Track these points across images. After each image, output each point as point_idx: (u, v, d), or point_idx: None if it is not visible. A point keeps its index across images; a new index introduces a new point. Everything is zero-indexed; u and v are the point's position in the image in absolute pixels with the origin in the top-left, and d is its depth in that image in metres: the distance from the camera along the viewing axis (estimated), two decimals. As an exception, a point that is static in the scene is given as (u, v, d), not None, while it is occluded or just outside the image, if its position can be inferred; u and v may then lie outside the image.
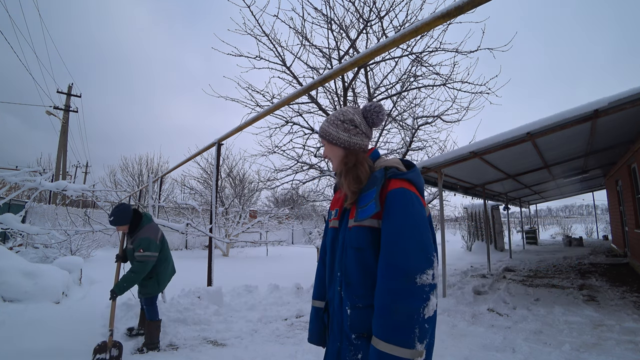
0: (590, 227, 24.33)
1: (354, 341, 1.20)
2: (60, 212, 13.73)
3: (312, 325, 1.50)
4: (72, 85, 19.49)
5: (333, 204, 1.47)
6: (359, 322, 1.20)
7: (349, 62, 2.96)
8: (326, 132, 1.37)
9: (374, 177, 1.24)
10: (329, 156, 1.41)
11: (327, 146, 1.40)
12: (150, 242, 3.53)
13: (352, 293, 1.22)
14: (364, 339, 1.19)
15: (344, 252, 1.28)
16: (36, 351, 3.13)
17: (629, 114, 4.89)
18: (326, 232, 1.49)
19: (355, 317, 1.20)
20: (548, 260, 11.22)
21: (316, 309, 1.49)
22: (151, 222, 3.77)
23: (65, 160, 18.78)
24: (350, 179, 1.28)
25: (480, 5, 2.02)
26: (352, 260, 1.23)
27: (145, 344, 3.63)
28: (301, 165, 8.08)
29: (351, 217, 1.27)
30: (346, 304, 1.23)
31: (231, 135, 5.15)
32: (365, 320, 1.19)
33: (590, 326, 4.25)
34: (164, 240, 3.90)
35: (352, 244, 1.23)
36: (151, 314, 3.70)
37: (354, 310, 1.21)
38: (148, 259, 3.51)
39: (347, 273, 1.24)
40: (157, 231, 3.76)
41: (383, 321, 1.06)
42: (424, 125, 7.61)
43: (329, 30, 6.28)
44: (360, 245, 1.21)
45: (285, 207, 19.86)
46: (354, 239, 1.23)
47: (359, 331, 1.19)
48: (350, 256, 1.24)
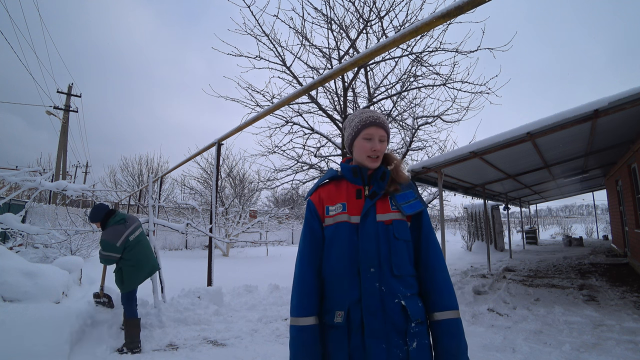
0: (590, 227, 24.32)
1: (412, 330, 1.21)
2: (60, 212, 13.72)
3: (310, 352, 1.21)
4: (72, 85, 19.49)
5: (328, 199, 1.36)
6: (416, 310, 1.24)
7: (349, 62, 2.96)
8: (389, 130, 1.43)
9: (409, 181, 1.41)
10: (382, 151, 1.38)
11: (386, 143, 1.41)
12: (105, 244, 3.72)
13: (402, 284, 1.26)
14: (420, 325, 1.24)
15: (384, 246, 1.25)
16: (36, 351, 3.13)
17: (629, 114, 4.89)
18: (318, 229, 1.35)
19: (412, 306, 1.24)
20: (548, 260, 11.21)
21: (312, 329, 1.22)
22: (117, 225, 3.85)
23: (65, 160, 18.78)
24: (404, 174, 1.40)
25: (480, 5, 2.02)
26: (403, 252, 1.28)
27: (125, 343, 3.60)
28: (301, 165, 8.08)
29: (383, 211, 1.30)
30: (395, 297, 1.23)
31: (231, 135, 5.15)
32: (417, 307, 1.26)
33: (590, 326, 4.25)
34: (137, 242, 3.92)
35: (401, 236, 1.29)
36: (127, 312, 3.73)
37: (407, 300, 1.24)
38: (105, 257, 3.77)
39: (397, 265, 1.26)
40: (119, 234, 3.79)
41: (453, 295, 1.29)
42: (424, 125, 7.61)
43: (329, 30, 6.29)
44: (408, 237, 1.31)
45: (285, 207, 19.87)
46: (402, 231, 1.30)
47: (417, 319, 1.23)
48: (399, 248, 1.28)
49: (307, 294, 1.27)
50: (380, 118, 1.38)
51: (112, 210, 3.99)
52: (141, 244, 3.99)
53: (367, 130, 1.35)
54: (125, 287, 3.78)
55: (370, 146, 1.33)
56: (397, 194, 1.34)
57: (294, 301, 1.28)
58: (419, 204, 1.34)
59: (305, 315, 1.24)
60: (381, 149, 1.35)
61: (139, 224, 4.13)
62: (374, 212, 1.29)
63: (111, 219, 3.90)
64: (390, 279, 1.23)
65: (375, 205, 1.30)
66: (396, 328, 1.20)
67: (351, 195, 1.34)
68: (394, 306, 1.21)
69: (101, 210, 3.91)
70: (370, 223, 1.27)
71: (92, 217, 3.92)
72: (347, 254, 1.26)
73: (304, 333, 1.22)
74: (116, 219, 3.91)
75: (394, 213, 1.30)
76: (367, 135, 1.35)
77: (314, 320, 1.25)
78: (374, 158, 1.34)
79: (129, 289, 3.80)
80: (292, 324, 1.25)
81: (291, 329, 1.25)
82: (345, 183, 1.39)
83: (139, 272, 3.87)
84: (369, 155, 1.34)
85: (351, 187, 1.37)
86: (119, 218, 3.93)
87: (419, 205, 1.34)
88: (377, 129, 1.35)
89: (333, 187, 1.40)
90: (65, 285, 5.34)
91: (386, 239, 1.26)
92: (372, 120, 1.35)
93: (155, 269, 4.13)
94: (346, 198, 1.34)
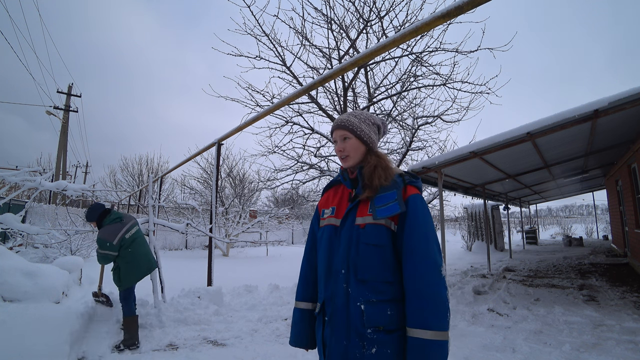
0: (590, 227, 24.32)
1: (368, 336, 1.21)
2: (60, 212, 13.72)
3: (297, 328, 1.47)
4: (72, 85, 19.50)
5: (325, 202, 1.48)
6: (376, 316, 1.23)
7: (349, 62, 2.96)
8: (356, 127, 1.39)
9: (393, 181, 1.33)
10: (348, 150, 1.38)
11: (352, 140, 1.38)
12: (101, 242, 3.77)
13: (367, 289, 1.25)
14: (380, 332, 1.22)
15: (353, 249, 1.28)
16: (36, 351, 3.13)
17: (629, 114, 4.89)
18: (316, 231, 1.50)
19: (371, 311, 1.23)
20: (548, 260, 11.22)
21: (301, 311, 1.47)
22: (113, 224, 3.91)
23: (65, 160, 18.78)
24: (382, 175, 1.33)
25: (480, 5, 2.02)
26: (372, 257, 1.27)
27: (123, 340, 3.65)
28: (301, 165, 8.08)
29: (361, 214, 1.31)
30: (357, 300, 1.24)
31: (231, 135, 5.15)
32: (381, 314, 1.23)
33: (590, 326, 4.25)
34: (133, 240, 3.96)
35: (371, 241, 1.27)
36: (125, 310, 3.78)
37: (368, 305, 1.24)
38: (101, 255, 3.81)
39: (362, 269, 1.26)
40: (115, 233, 3.85)
41: (430, 312, 1.16)
42: (424, 125, 7.60)
43: (329, 30, 6.28)
44: (381, 242, 1.27)
45: (285, 207, 19.87)
46: (372, 236, 1.27)
47: (375, 325, 1.22)
48: (368, 252, 1.27)
49: (301, 283, 1.51)
50: (340, 119, 1.42)
51: (107, 210, 4.04)
52: (137, 241, 4.03)
53: (333, 135, 1.45)
54: (122, 285, 3.82)
55: (336, 148, 1.42)
56: (376, 196, 1.30)
57: (297, 289, 1.53)
58: (396, 206, 1.24)
59: (298, 299, 1.50)
60: (345, 148, 1.39)
61: (135, 222, 4.17)
62: (354, 215, 1.33)
63: (107, 218, 3.95)
64: (355, 283, 1.26)
65: (357, 208, 1.34)
66: (356, 330, 1.23)
67: (344, 199, 1.42)
68: (356, 309, 1.24)
69: (97, 209, 3.97)
70: (347, 226, 1.32)
71: (89, 217, 3.98)
72: (326, 255, 1.36)
73: (295, 313, 1.50)
74: (112, 218, 3.96)
75: (369, 217, 1.29)
76: (334, 139, 1.44)
77: (304, 305, 1.47)
78: (343, 158, 1.40)
79: (126, 287, 3.83)
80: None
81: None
82: (343, 187, 1.49)
83: (136, 270, 3.91)
84: (339, 157, 1.42)
85: (346, 191, 1.45)
86: (114, 217, 3.98)
87: (395, 208, 1.24)
88: (338, 131, 1.41)
89: (333, 191, 1.51)
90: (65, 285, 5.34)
91: (356, 243, 1.28)
92: (335, 125, 1.43)
93: (152, 267, 4.16)
94: (338, 202, 1.43)
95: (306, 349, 1.47)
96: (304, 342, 1.46)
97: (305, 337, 1.46)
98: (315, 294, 1.48)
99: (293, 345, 1.47)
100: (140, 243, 4.08)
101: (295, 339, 1.47)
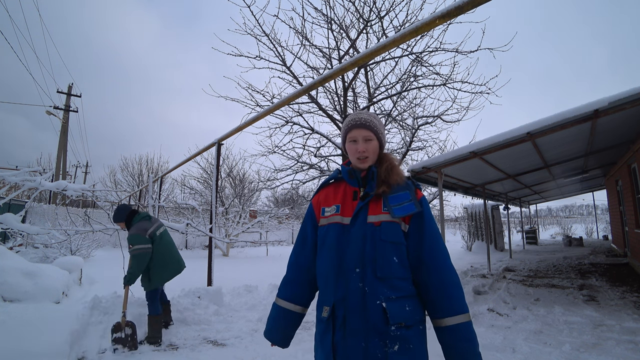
0: (590, 227, 24.32)
1: (392, 333, 1.21)
2: (60, 212, 13.73)
3: (276, 324, 1.47)
4: (72, 85, 19.50)
5: (325, 200, 1.45)
6: (399, 313, 1.23)
7: (349, 62, 2.95)
8: (378, 129, 1.42)
9: (405, 182, 1.37)
10: (370, 151, 1.40)
11: (375, 142, 1.41)
12: (134, 237, 3.74)
13: (385, 286, 1.25)
14: (402, 328, 1.23)
15: (369, 247, 1.28)
16: (36, 351, 3.13)
17: (629, 114, 4.89)
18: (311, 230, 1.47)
19: (394, 308, 1.23)
20: (548, 260, 11.22)
21: (282, 309, 1.46)
22: (142, 221, 3.93)
23: (65, 160, 18.79)
24: (398, 175, 1.37)
25: (480, 5, 2.02)
26: (390, 254, 1.27)
27: (147, 337, 3.77)
28: (301, 165, 8.07)
29: (374, 213, 1.32)
30: (377, 298, 1.23)
31: (231, 135, 5.14)
32: (401, 310, 1.24)
33: (590, 326, 4.25)
34: (161, 238, 3.99)
35: (389, 238, 1.28)
36: (150, 309, 3.82)
37: (389, 302, 1.23)
38: (138, 252, 3.72)
39: (381, 266, 1.26)
40: (145, 227, 3.87)
41: (457, 299, 1.27)
42: (424, 125, 7.60)
43: (329, 30, 6.28)
44: (399, 239, 1.30)
45: (285, 207, 19.86)
46: (390, 233, 1.29)
47: (398, 322, 1.22)
48: (386, 250, 1.27)
49: (287, 283, 1.50)
50: (362, 119, 1.41)
51: (135, 210, 4.08)
52: (165, 240, 4.06)
53: (351, 133, 1.42)
54: (151, 285, 3.84)
55: (356, 148, 1.40)
56: (389, 195, 1.33)
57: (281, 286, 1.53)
58: (412, 206, 1.30)
59: (279, 297, 1.50)
60: (368, 149, 1.39)
61: (162, 224, 4.22)
62: (365, 213, 1.33)
63: (135, 217, 3.98)
64: (373, 281, 1.25)
65: (367, 207, 1.34)
66: (376, 329, 1.22)
67: (348, 197, 1.40)
68: (375, 307, 1.23)
69: (124, 210, 3.99)
70: (359, 224, 1.31)
71: (116, 218, 3.98)
72: (335, 254, 1.32)
73: (273, 308, 1.50)
74: (140, 216, 4.00)
75: (384, 215, 1.30)
76: (352, 137, 1.42)
77: (285, 304, 1.47)
78: (362, 159, 1.39)
79: (156, 287, 3.86)
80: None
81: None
82: (344, 185, 1.46)
83: (165, 269, 3.94)
84: (358, 157, 1.40)
85: (349, 189, 1.43)
86: (143, 215, 4.03)
87: (411, 207, 1.30)
88: (360, 130, 1.40)
89: (332, 189, 1.48)
90: (65, 285, 5.35)
91: (372, 241, 1.28)
92: (355, 123, 1.41)
93: (181, 267, 4.17)
94: (342, 200, 1.41)
95: (280, 346, 1.48)
96: (276, 338, 1.47)
97: (279, 333, 1.47)
98: (300, 297, 1.47)
99: (266, 337, 1.49)
100: (168, 242, 4.11)
101: (270, 333, 1.48)
